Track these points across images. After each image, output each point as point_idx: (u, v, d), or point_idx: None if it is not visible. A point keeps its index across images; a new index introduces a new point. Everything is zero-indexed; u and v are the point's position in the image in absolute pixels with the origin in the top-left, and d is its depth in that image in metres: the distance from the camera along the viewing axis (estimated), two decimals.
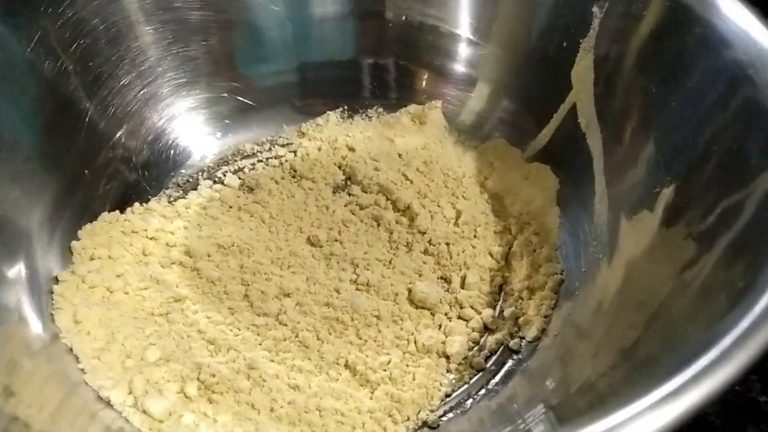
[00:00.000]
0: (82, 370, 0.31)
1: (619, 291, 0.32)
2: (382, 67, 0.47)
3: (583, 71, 0.40)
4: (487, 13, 0.44)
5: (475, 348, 0.35)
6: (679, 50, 0.33)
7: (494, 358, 0.35)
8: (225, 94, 0.45)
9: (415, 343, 0.35)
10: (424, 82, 0.47)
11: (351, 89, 0.48)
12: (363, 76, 0.48)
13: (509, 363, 0.34)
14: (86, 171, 0.39)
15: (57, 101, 0.37)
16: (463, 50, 0.45)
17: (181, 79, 0.44)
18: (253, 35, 0.45)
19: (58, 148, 0.37)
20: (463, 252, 0.39)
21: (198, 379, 0.32)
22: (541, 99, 0.42)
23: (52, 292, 0.34)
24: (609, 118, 0.38)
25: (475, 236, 0.40)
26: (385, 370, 0.33)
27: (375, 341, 0.35)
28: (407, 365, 0.34)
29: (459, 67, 0.46)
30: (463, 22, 0.45)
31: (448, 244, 0.39)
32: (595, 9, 0.38)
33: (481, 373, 0.34)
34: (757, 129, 0.27)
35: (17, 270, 0.33)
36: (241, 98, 0.46)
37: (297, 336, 0.35)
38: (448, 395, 0.33)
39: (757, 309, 0.21)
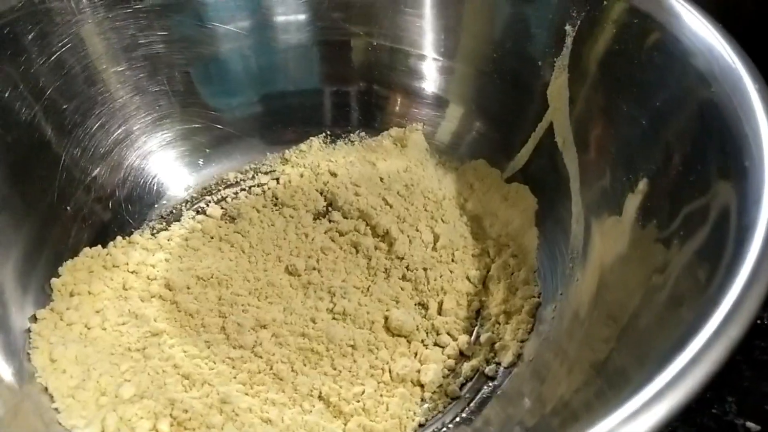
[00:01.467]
0: (56, 409, 0.32)
1: (591, 304, 0.32)
2: (354, 92, 0.48)
3: (558, 90, 0.39)
4: (451, 34, 0.44)
5: (451, 375, 0.35)
6: (638, 58, 0.33)
7: (469, 385, 0.34)
8: (202, 125, 0.46)
9: (389, 372, 0.35)
10: (398, 105, 0.47)
11: (325, 115, 0.48)
12: (335, 102, 0.48)
13: (484, 389, 0.34)
14: (66, 209, 0.39)
15: (32, 146, 0.38)
16: (432, 71, 0.45)
17: (155, 114, 0.44)
18: (219, 68, 0.45)
19: (34, 190, 0.37)
20: (441, 277, 0.39)
21: (171, 415, 0.32)
22: (514, 119, 0.42)
23: (30, 331, 0.35)
24: (576, 129, 0.38)
25: (452, 260, 0.40)
26: (358, 401, 0.33)
27: (350, 371, 0.35)
28: (381, 395, 0.34)
29: (430, 88, 0.46)
30: (428, 43, 0.45)
31: (425, 269, 0.39)
32: (567, 27, 0.38)
33: (456, 401, 0.34)
34: (715, 136, 0.27)
35: None
36: (220, 126, 0.46)
37: (272, 368, 0.35)
38: (422, 425, 0.33)
39: (719, 317, 0.20)
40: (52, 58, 0.38)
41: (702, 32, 0.30)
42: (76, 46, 0.39)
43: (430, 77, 0.46)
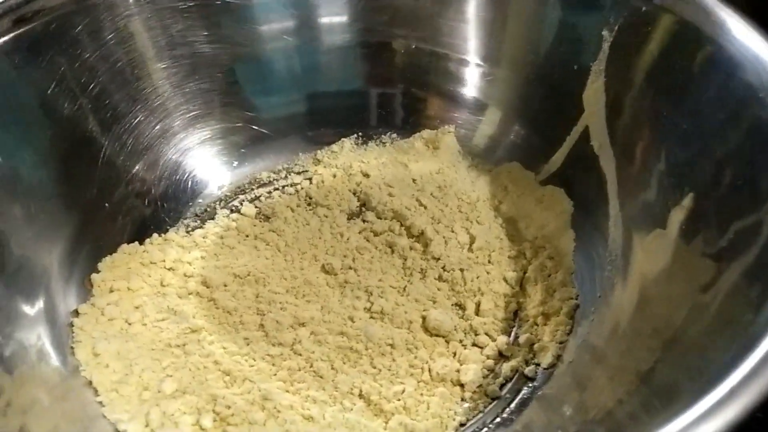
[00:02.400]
0: (101, 403, 0.32)
1: (634, 314, 0.32)
2: (392, 94, 0.48)
3: (594, 94, 0.40)
4: (495, 39, 0.44)
5: (490, 376, 0.35)
6: (688, 71, 0.33)
7: (509, 385, 0.34)
8: (239, 124, 0.46)
9: (429, 371, 0.35)
10: (435, 108, 0.48)
11: (362, 117, 0.48)
12: (373, 104, 0.48)
13: (524, 390, 0.34)
14: (105, 204, 0.40)
15: (74, 140, 0.38)
16: (473, 75, 0.46)
17: (195, 112, 0.44)
18: (262, 67, 0.46)
19: (75, 185, 0.38)
20: (477, 278, 0.39)
21: (213, 411, 0.32)
22: (552, 122, 0.42)
23: (72, 326, 0.35)
24: (620, 140, 0.38)
25: (489, 262, 0.40)
26: (399, 400, 0.33)
27: (389, 370, 0.35)
28: (421, 394, 0.34)
29: (470, 92, 0.46)
30: (471, 48, 0.45)
31: (462, 270, 0.39)
32: (605, 32, 0.38)
33: (496, 402, 0.34)
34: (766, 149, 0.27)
35: (37, 308, 0.34)
36: (255, 127, 0.47)
37: (311, 366, 0.35)
38: (462, 424, 0.33)
39: None
40: (98, 53, 0.38)
41: (754, 45, 0.30)
42: (122, 42, 0.40)
43: (470, 81, 0.46)
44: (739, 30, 0.31)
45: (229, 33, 0.43)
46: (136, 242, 0.41)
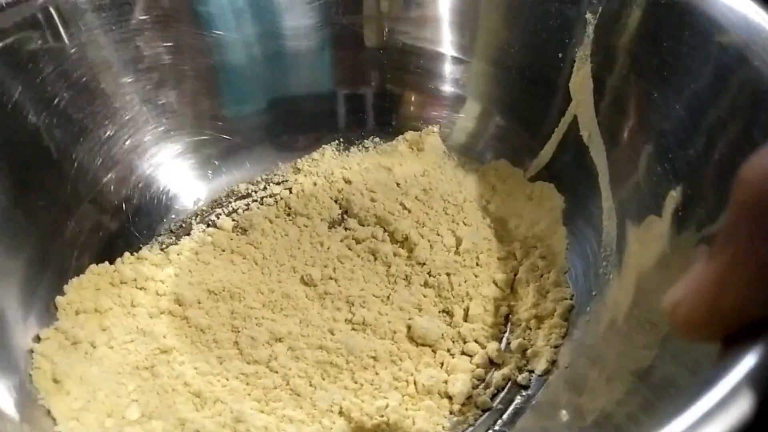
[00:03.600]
0: None
1: (630, 309, 0.29)
2: (368, 95, 0.46)
3: (581, 81, 0.37)
4: (469, 29, 0.42)
5: (481, 385, 0.32)
6: (675, 46, 0.31)
7: (501, 395, 0.32)
8: (212, 135, 0.44)
9: (414, 384, 0.32)
10: (416, 108, 0.46)
11: (339, 120, 0.47)
12: (349, 107, 0.46)
13: (518, 399, 0.32)
14: (71, 223, 0.38)
15: (37, 158, 0.36)
16: (452, 71, 0.44)
17: (164, 126, 0.43)
18: (228, 76, 0.44)
19: (36, 206, 0.36)
20: (465, 282, 0.37)
21: None
22: (539, 115, 0.40)
23: (33, 352, 0.33)
24: (609, 128, 0.35)
25: (477, 264, 0.38)
26: (382, 416, 0.31)
27: (372, 384, 0.32)
28: (406, 409, 0.31)
29: (450, 89, 0.45)
30: (446, 40, 0.43)
31: (448, 274, 0.37)
32: (588, 15, 0.37)
33: (487, 413, 0.31)
34: (762, 113, 0.25)
35: None
36: (229, 137, 0.45)
37: (288, 383, 0.32)
38: None
39: None
40: (59, 68, 0.37)
41: (734, 4, 0.28)
42: (84, 56, 0.38)
43: (445, 76, 0.44)
44: None
45: (193, 43, 0.42)
46: (107, 262, 0.39)
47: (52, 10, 0.36)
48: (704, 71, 0.28)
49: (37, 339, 0.34)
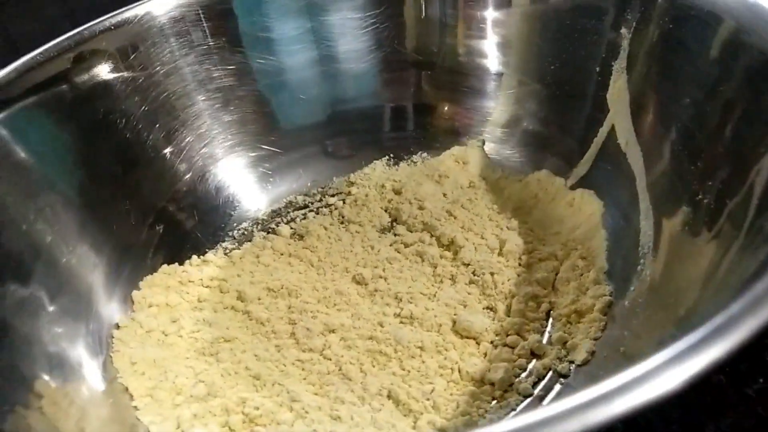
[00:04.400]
0: (135, 407, 0.33)
1: (656, 291, 0.31)
2: (422, 113, 0.49)
3: (618, 93, 0.39)
4: (513, 48, 0.45)
5: (522, 374, 0.34)
6: (678, 39, 0.34)
7: (542, 383, 0.33)
8: (269, 152, 0.48)
9: (459, 371, 0.34)
10: (461, 125, 0.49)
11: (391, 137, 0.50)
12: (400, 124, 0.50)
13: (557, 387, 0.33)
14: (150, 226, 0.42)
15: (129, 155, 0.41)
16: (495, 86, 0.46)
17: (233, 140, 0.47)
18: (289, 96, 0.48)
19: (120, 208, 0.40)
20: (509, 281, 0.38)
21: (242, 412, 0.32)
22: (579, 126, 0.43)
23: (113, 338, 0.36)
24: (645, 134, 0.37)
25: (519, 264, 0.40)
26: (428, 399, 0.33)
27: (418, 371, 0.34)
28: (451, 394, 0.33)
29: (493, 104, 0.47)
30: (491, 59, 0.46)
31: (492, 273, 0.39)
32: (623, 30, 0.39)
33: (528, 400, 0.33)
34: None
35: (83, 323, 0.35)
36: (286, 153, 0.48)
37: (341, 369, 0.35)
38: (493, 423, 0.32)
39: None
40: (151, 79, 0.41)
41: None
42: (168, 74, 0.43)
43: (490, 93, 0.47)
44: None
45: (255, 66, 0.46)
46: (176, 263, 0.42)
47: (136, 39, 0.41)
48: (709, 58, 0.31)
49: (117, 326, 0.37)
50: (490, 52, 0.46)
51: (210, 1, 0.43)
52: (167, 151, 0.43)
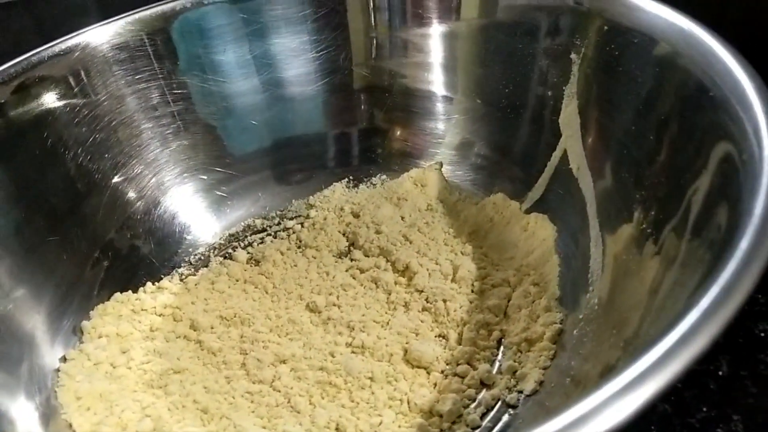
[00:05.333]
0: None
1: (599, 317, 0.31)
2: (377, 135, 0.49)
3: (569, 117, 0.40)
4: (464, 71, 0.45)
5: (471, 405, 0.34)
6: (616, 61, 0.35)
7: (491, 414, 0.33)
8: (224, 175, 0.48)
9: (408, 402, 0.34)
10: (417, 148, 0.49)
11: (351, 160, 0.50)
12: (359, 147, 0.50)
13: (505, 418, 0.33)
14: (99, 254, 0.41)
15: (69, 194, 0.40)
16: (449, 111, 0.47)
17: (184, 166, 0.46)
18: (238, 121, 0.48)
19: (68, 239, 0.39)
20: (461, 308, 0.38)
21: None
22: (532, 151, 0.43)
23: (59, 371, 0.36)
24: (594, 160, 0.37)
25: (472, 291, 0.39)
26: None
27: (367, 403, 0.34)
28: (399, 426, 0.33)
29: (449, 127, 0.47)
30: (441, 82, 0.46)
31: (445, 300, 0.39)
32: (573, 56, 0.39)
33: (476, 431, 0.33)
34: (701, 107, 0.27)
35: (24, 369, 0.34)
36: (243, 176, 0.48)
37: (290, 401, 0.34)
38: None
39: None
40: (93, 111, 0.41)
41: (656, 13, 0.32)
42: (114, 103, 0.42)
43: (445, 116, 0.47)
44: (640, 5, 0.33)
45: (204, 91, 0.46)
46: (130, 291, 0.42)
47: (80, 67, 0.41)
48: (645, 79, 0.32)
49: (64, 359, 0.37)
50: (438, 75, 0.46)
51: (154, 27, 0.43)
52: (117, 180, 0.43)
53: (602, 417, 0.16)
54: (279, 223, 0.48)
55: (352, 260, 0.44)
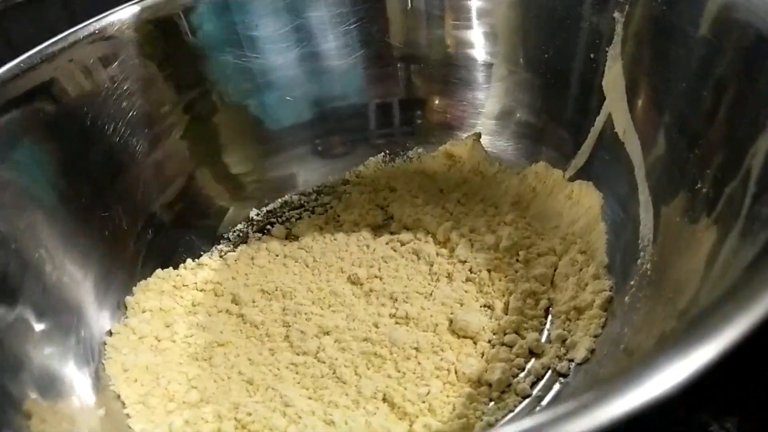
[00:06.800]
0: (127, 414, 0.32)
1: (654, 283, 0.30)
2: (414, 107, 0.48)
3: (614, 80, 0.38)
4: (504, 38, 0.44)
5: (521, 374, 0.33)
6: (667, 20, 0.33)
7: (541, 383, 0.33)
8: (268, 149, 0.48)
9: (455, 372, 0.33)
10: (455, 118, 0.47)
11: (386, 133, 0.49)
12: (394, 120, 0.49)
13: (556, 387, 0.32)
14: (140, 229, 0.41)
15: (116, 162, 0.40)
16: (487, 79, 0.45)
17: (222, 142, 0.46)
18: (276, 96, 0.47)
19: (111, 214, 0.39)
20: (506, 277, 0.38)
21: (235, 418, 0.32)
22: (575, 116, 0.41)
23: (105, 344, 0.36)
24: (641, 122, 0.36)
25: (517, 261, 0.39)
26: (423, 402, 0.32)
27: (414, 373, 0.34)
28: (447, 395, 0.32)
29: (488, 96, 0.46)
30: (482, 50, 0.45)
31: (489, 270, 0.38)
32: (616, 14, 0.38)
33: (527, 401, 0.32)
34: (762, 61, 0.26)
35: (73, 337, 0.35)
36: (281, 153, 0.48)
37: (335, 372, 0.34)
38: (491, 425, 0.31)
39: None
40: (131, 87, 0.41)
41: None
42: (148, 80, 0.42)
43: (485, 84, 0.46)
44: None
45: (241, 67, 0.45)
46: (171, 267, 0.42)
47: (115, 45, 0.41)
48: (699, 38, 0.30)
49: (109, 333, 0.37)
50: (478, 42, 0.45)
51: (190, 2, 0.43)
52: (156, 156, 0.43)
53: (654, 383, 0.15)
54: (316, 199, 0.48)
55: (391, 233, 0.43)
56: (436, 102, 0.48)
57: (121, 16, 0.41)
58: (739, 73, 0.28)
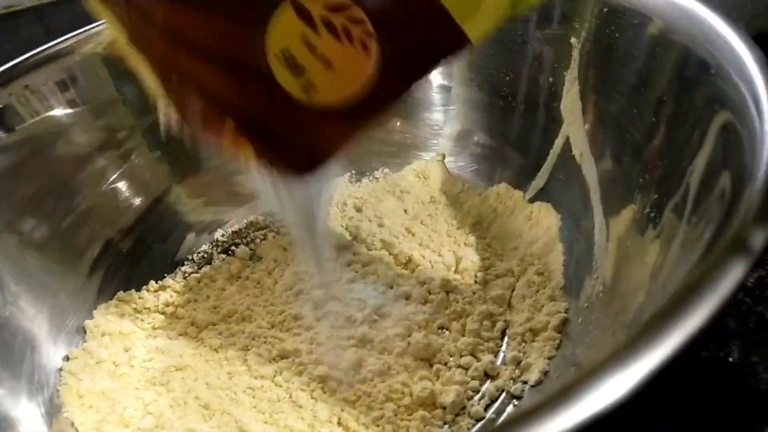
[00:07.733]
0: None
1: (604, 304, 0.31)
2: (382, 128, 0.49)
3: (571, 102, 0.39)
4: (464, 62, 0.44)
5: (475, 396, 0.33)
6: (611, 41, 0.34)
7: (495, 405, 0.33)
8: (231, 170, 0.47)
9: (410, 395, 0.33)
10: (419, 139, 0.48)
11: (352, 154, 0.49)
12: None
13: (509, 409, 0.32)
14: (101, 253, 0.41)
15: (72, 189, 0.40)
16: (451, 100, 0.46)
17: (184, 165, 0.46)
18: None
19: (72, 235, 0.39)
20: (463, 299, 0.38)
21: None
22: (534, 138, 0.42)
23: (62, 370, 0.36)
24: (596, 145, 0.37)
25: (475, 282, 0.39)
26: (377, 426, 0.32)
27: (369, 396, 0.34)
28: (401, 419, 0.32)
29: (451, 118, 0.47)
30: (440, 73, 0.45)
31: (447, 292, 0.38)
32: (573, 40, 0.38)
33: (480, 423, 0.32)
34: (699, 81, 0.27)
35: (25, 372, 0.34)
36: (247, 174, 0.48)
37: (291, 396, 0.34)
38: None
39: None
40: (92, 111, 0.41)
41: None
42: (110, 103, 0.42)
43: (444, 107, 0.46)
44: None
45: None
46: (133, 290, 0.42)
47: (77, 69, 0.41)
48: (640, 58, 0.32)
49: (66, 358, 0.37)
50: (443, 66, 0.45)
51: None
52: (116, 180, 0.43)
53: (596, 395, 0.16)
54: (281, 219, 0.48)
55: (354, 254, 0.43)
56: (397, 123, 0.48)
57: (80, 37, 0.41)
58: (676, 93, 0.29)
